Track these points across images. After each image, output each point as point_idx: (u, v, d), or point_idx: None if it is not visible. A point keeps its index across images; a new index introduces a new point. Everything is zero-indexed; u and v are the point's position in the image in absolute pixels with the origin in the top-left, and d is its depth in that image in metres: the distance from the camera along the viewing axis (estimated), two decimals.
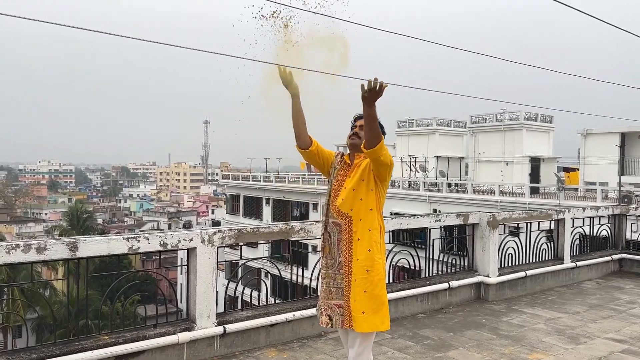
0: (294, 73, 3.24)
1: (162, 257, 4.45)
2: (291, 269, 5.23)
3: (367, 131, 2.94)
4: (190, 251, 4.26)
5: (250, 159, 48.01)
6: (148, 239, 3.99)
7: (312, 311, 4.70)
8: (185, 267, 4.38)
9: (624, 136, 28.12)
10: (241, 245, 4.65)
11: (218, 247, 4.36)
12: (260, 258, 6.15)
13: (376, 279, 3.08)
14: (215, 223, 55.67)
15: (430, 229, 6.18)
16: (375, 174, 3.12)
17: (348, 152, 3.43)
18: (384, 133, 3.27)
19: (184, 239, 4.17)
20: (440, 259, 6.34)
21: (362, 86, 2.77)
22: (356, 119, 3.29)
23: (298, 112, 3.26)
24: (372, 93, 2.77)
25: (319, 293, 3.39)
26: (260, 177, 42.61)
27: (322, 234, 3.30)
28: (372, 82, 2.75)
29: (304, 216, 36.38)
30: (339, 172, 3.27)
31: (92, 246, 3.73)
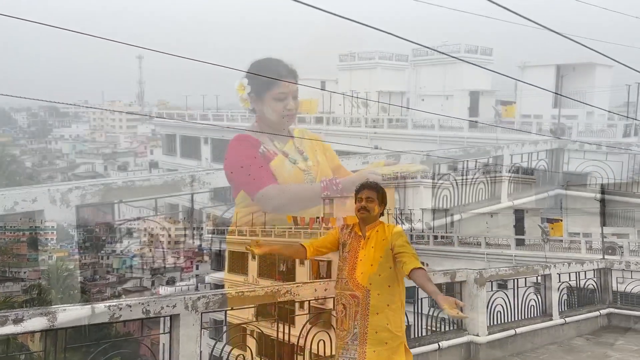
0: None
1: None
2: (277, 328, 5.12)
3: (424, 289, 3.19)
4: (174, 318, 4.16)
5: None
6: (130, 307, 3.90)
7: None
8: (168, 334, 4.26)
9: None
10: (225, 311, 4.55)
11: (202, 313, 4.26)
12: (247, 323, 5.98)
13: (390, 352, 3.20)
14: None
15: (418, 288, 6.12)
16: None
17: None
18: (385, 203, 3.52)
19: (167, 306, 4.08)
20: (430, 313, 6.26)
21: (455, 303, 2.86)
22: (359, 190, 3.42)
23: (280, 255, 3.63)
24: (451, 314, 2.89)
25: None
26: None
27: (335, 306, 3.42)
28: (458, 314, 2.87)
29: (291, 270, 35.71)
30: (351, 244, 3.39)
31: (71, 316, 3.63)
